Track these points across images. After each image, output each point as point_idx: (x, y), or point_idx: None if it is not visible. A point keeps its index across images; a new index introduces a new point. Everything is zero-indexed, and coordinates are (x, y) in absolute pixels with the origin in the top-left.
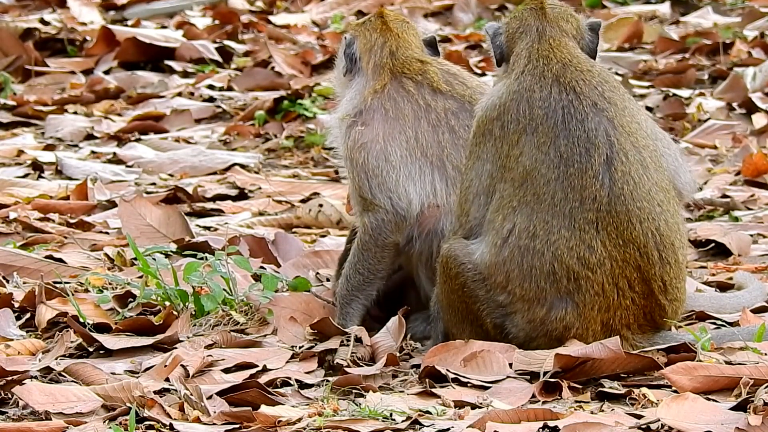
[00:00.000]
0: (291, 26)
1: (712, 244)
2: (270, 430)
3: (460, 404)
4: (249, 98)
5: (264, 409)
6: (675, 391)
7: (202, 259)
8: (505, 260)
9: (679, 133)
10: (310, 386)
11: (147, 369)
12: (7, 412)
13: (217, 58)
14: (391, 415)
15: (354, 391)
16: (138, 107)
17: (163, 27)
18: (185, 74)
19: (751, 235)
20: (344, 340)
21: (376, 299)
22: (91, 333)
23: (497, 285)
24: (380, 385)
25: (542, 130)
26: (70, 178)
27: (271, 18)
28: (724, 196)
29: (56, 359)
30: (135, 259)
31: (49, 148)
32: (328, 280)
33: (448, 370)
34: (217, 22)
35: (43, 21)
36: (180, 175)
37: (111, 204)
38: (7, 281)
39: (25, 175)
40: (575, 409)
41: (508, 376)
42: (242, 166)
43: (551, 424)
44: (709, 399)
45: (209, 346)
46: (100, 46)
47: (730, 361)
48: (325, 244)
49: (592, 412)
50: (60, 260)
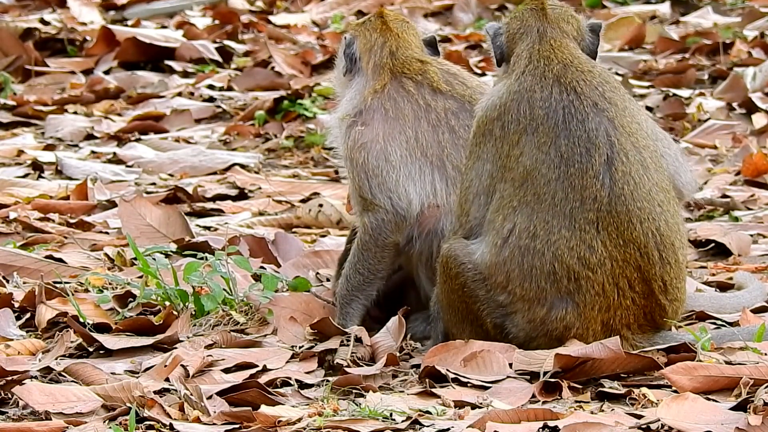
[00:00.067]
0: (291, 26)
1: (712, 244)
2: (270, 430)
3: (460, 404)
4: (249, 98)
5: (264, 409)
6: (675, 391)
7: (202, 259)
8: (506, 260)
9: (679, 133)
10: (310, 386)
11: (147, 369)
12: (7, 412)
13: (217, 58)
14: (391, 415)
15: (354, 391)
16: (138, 107)
17: (163, 27)
18: (185, 74)
19: (751, 235)
20: (344, 340)
21: (376, 299)
22: (91, 333)
23: (497, 285)
24: (380, 385)
25: (543, 130)
26: (70, 178)
27: (271, 18)
28: (724, 196)
29: (56, 359)
30: (135, 259)
31: (49, 148)
32: (328, 280)
33: (448, 370)
34: (217, 22)
35: (43, 21)
36: (180, 175)
37: (111, 204)
38: (7, 281)
39: (25, 175)
40: (575, 409)
41: (508, 376)
42: (242, 166)
43: (551, 424)
44: (709, 399)
45: (209, 346)
46: (100, 46)
47: (730, 361)
48: (325, 244)
49: (592, 412)
50: (60, 260)
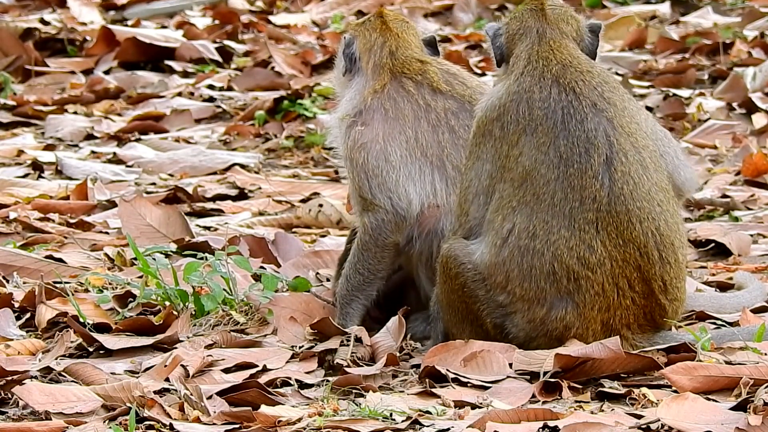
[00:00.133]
0: (291, 26)
1: (712, 244)
2: (270, 430)
3: (460, 404)
4: (249, 98)
5: (264, 409)
6: (675, 391)
7: (202, 259)
8: (505, 260)
9: (679, 133)
10: (310, 386)
11: (147, 369)
12: (7, 412)
13: (217, 58)
14: (391, 415)
15: (354, 391)
16: (138, 107)
17: (163, 27)
18: (185, 74)
19: (751, 235)
20: (344, 340)
21: (376, 299)
22: (91, 333)
23: (497, 285)
24: (380, 385)
25: (542, 131)
26: (70, 178)
27: (271, 18)
28: (724, 196)
29: (56, 359)
30: (135, 259)
31: (49, 148)
32: (328, 280)
33: (448, 370)
34: (217, 22)
35: (43, 21)
36: (180, 175)
37: (111, 204)
38: (7, 281)
39: (25, 175)
40: (575, 409)
41: (508, 376)
42: (242, 166)
43: (551, 424)
44: (709, 399)
45: (209, 346)
46: (100, 46)
47: (730, 361)
48: (325, 244)
49: (592, 412)
50: (60, 260)
